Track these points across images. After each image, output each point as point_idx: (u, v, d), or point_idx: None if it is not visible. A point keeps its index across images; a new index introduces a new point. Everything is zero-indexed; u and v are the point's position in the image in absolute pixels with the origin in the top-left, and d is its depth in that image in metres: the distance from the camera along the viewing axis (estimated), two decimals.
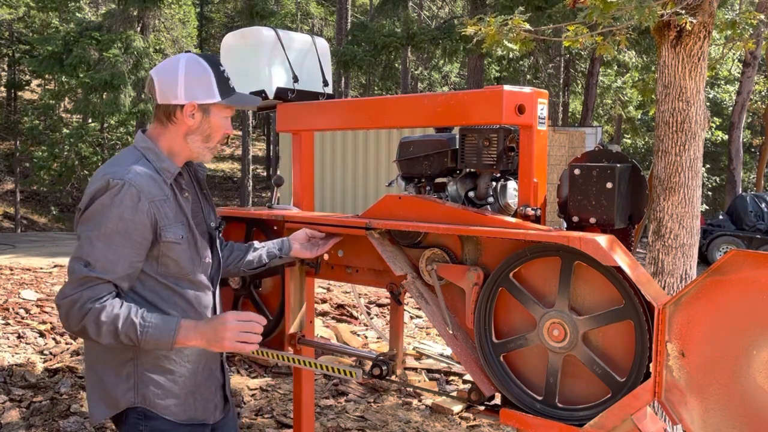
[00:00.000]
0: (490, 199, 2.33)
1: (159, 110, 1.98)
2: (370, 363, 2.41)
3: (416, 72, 28.34)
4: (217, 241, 2.13)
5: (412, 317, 7.06)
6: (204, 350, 2.01)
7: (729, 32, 3.69)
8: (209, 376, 2.07)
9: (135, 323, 1.78)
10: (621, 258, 1.82)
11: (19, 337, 5.69)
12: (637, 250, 12.34)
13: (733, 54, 16.79)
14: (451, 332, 2.15)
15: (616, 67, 23.94)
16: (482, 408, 2.16)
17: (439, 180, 2.48)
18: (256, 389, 4.88)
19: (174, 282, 1.94)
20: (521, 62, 21.42)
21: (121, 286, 1.83)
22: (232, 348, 1.86)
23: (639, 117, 26.39)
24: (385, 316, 7.08)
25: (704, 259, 12.98)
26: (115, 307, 1.78)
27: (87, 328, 1.78)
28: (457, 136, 2.36)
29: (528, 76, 22.72)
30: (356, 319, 6.93)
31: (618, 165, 2.03)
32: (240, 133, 23.90)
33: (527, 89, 2.12)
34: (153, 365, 1.92)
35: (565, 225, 2.18)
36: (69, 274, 1.81)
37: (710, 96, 23.89)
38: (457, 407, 4.56)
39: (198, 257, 1.99)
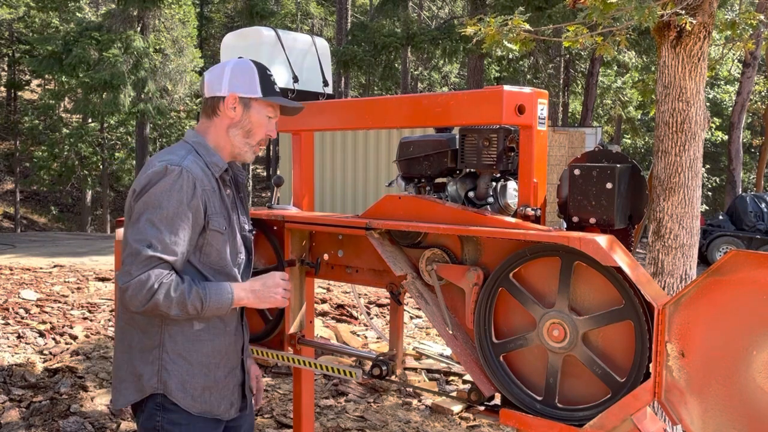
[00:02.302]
0: (490, 200, 2.33)
1: (206, 104, 2.10)
2: (370, 363, 2.41)
3: (416, 72, 28.33)
4: (251, 245, 2.23)
5: (412, 317, 7.05)
6: (225, 347, 2.09)
7: (729, 32, 3.69)
8: (228, 373, 2.11)
9: (199, 293, 1.94)
10: (621, 258, 1.82)
11: (19, 337, 5.69)
12: (637, 250, 12.34)
13: (733, 54, 16.78)
14: (451, 332, 2.15)
15: (616, 68, 23.93)
16: (482, 408, 2.16)
17: (439, 180, 2.48)
18: None
19: (211, 273, 2.04)
20: (521, 62, 21.40)
21: (177, 267, 1.94)
22: (283, 303, 2.14)
23: (639, 117, 26.39)
24: (385, 316, 7.08)
25: (704, 259, 12.98)
26: (180, 282, 1.92)
27: (158, 304, 1.89)
28: (457, 136, 2.36)
29: (528, 76, 22.69)
30: (356, 319, 6.92)
31: (618, 165, 2.03)
32: None
33: (527, 89, 2.12)
34: (176, 355, 2.00)
35: (565, 225, 2.18)
36: (132, 255, 1.89)
37: (710, 96, 23.90)
38: (457, 407, 4.56)
39: (235, 252, 2.10)
